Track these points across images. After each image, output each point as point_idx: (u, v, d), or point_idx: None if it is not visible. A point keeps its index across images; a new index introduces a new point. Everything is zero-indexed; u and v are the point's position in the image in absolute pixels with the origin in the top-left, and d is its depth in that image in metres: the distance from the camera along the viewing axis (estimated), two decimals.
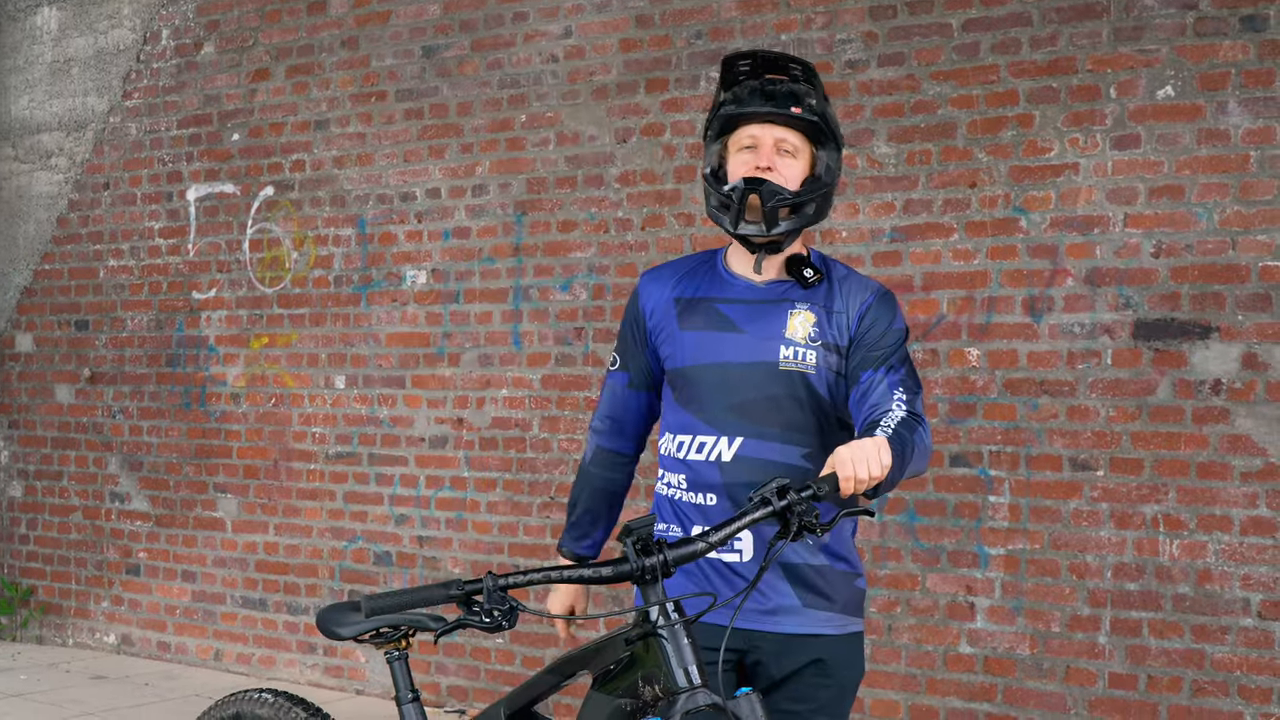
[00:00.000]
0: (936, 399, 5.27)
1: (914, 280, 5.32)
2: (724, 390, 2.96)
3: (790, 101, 2.92)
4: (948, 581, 5.25)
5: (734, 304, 3.02)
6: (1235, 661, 4.75)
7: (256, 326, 7.13)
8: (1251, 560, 4.73)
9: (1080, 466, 5.01)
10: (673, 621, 2.41)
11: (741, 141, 2.97)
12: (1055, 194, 5.05)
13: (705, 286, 3.08)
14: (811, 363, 2.95)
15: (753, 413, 2.94)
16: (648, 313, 3.12)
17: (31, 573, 8.08)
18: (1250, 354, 4.74)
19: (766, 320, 2.99)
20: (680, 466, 3.01)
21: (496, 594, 2.32)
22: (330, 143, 6.86)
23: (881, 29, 5.39)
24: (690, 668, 2.39)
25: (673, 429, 3.05)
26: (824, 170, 2.98)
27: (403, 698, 3.10)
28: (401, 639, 3.11)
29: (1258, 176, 4.74)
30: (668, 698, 2.39)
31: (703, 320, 3.03)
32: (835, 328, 2.98)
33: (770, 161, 2.93)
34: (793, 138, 2.95)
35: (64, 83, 7.93)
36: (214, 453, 7.28)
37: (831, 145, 2.98)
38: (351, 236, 6.79)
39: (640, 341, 3.14)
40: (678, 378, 3.05)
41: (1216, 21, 4.81)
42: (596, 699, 2.52)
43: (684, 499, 3.00)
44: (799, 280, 3.00)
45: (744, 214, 2.92)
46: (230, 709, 3.38)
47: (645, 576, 2.43)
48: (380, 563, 6.67)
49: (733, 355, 2.98)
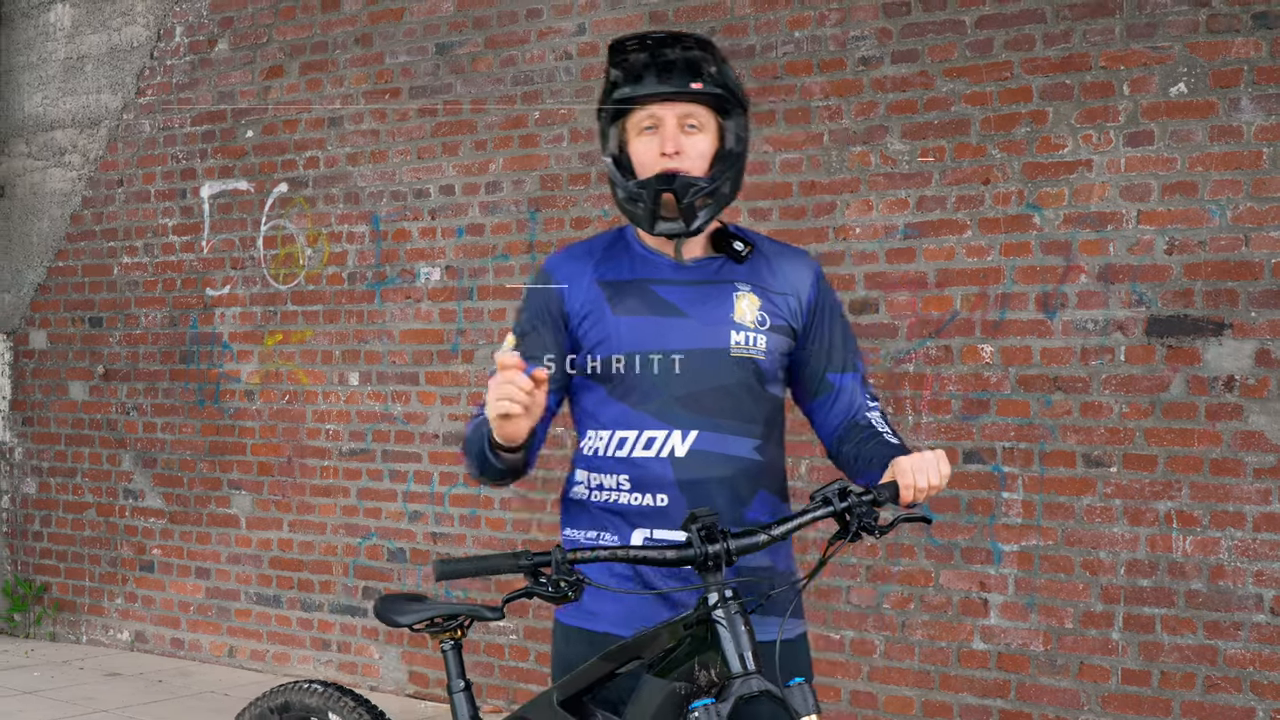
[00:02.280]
0: (950, 395, 5.27)
1: (927, 277, 5.32)
2: (671, 380, 2.74)
3: (689, 76, 2.70)
4: (961, 578, 5.26)
5: (671, 285, 2.80)
6: (1248, 657, 4.75)
7: (270, 323, 7.15)
8: (1264, 556, 4.73)
9: (1093, 463, 5.01)
10: (731, 608, 2.44)
11: (641, 123, 2.75)
12: (1068, 191, 5.06)
13: (630, 267, 2.83)
14: (762, 348, 2.79)
15: (706, 404, 2.74)
16: (567, 296, 2.82)
17: (45, 569, 8.11)
18: (1264, 350, 4.74)
19: (711, 303, 2.79)
20: (621, 466, 2.76)
21: (564, 566, 2.37)
22: (344, 140, 6.88)
23: (895, 26, 5.40)
24: (746, 654, 2.41)
25: (606, 425, 2.79)
26: (734, 141, 2.77)
27: (454, 686, 3.12)
28: (457, 629, 3.13)
29: (1270, 173, 4.74)
30: (722, 683, 2.41)
31: (639, 304, 2.78)
32: (785, 310, 2.83)
33: (676, 144, 2.72)
34: (697, 112, 2.73)
35: (77, 80, 7.95)
36: (228, 449, 7.30)
37: (738, 111, 2.77)
38: (365, 233, 6.81)
39: (555, 330, 2.82)
40: (612, 367, 2.79)
41: (1229, 18, 4.81)
42: (651, 683, 2.53)
43: (625, 501, 2.77)
44: (731, 255, 2.82)
45: (659, 212, 2.73)
46: (279, 699, 3.40)
47: (708, 563, 2.45)
48: (394, 559, 6.69)
49: (679, 342, 2.76)
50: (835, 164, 5.52)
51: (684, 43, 2.74)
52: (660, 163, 2.72)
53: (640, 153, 2.76)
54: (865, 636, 5.44)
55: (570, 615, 2.85)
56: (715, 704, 2.39)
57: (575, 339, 2.81)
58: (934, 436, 5.29)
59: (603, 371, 2.80)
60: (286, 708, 3.38)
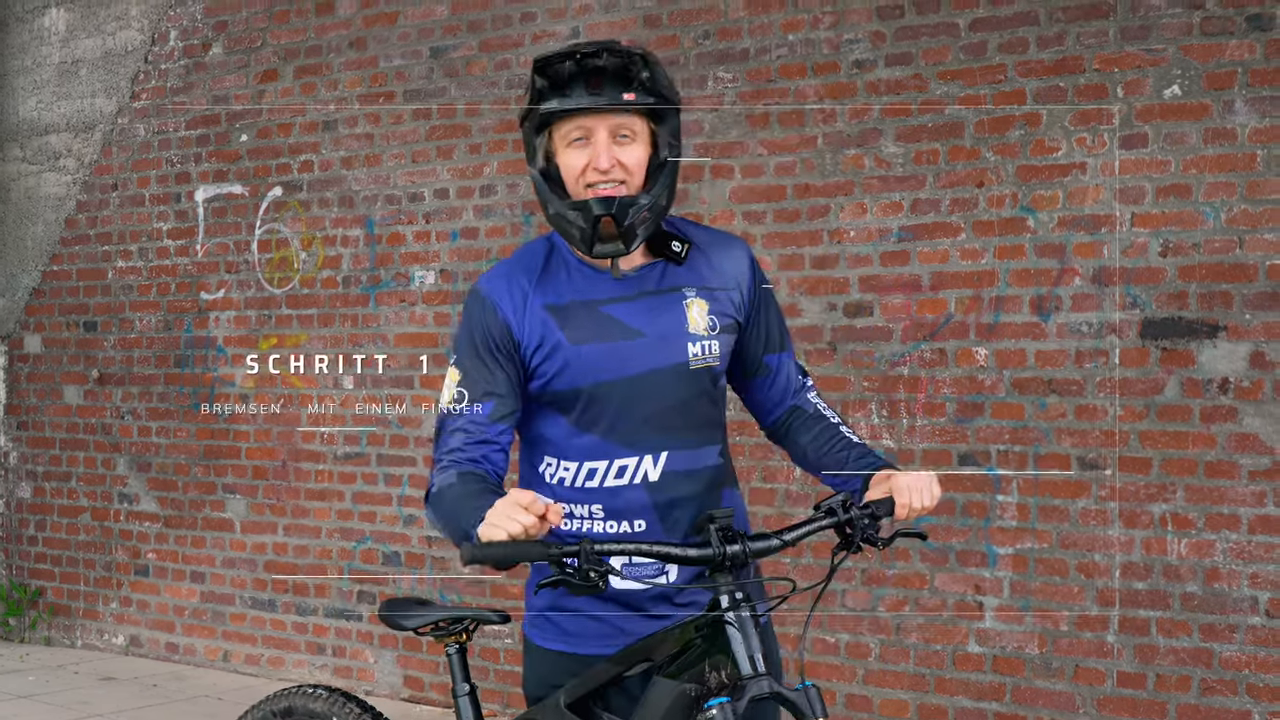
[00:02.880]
0: (945, 398, 5.27)
1: (922, 280, 5.32)
2: (636, 404, 2.68)
3: (620, 86, 2.59)
4: (956, 581, 5.25)
5: (619, 303, 2.71)
6: (1244, 660, 4.75)
7: (265, 327, 7.14)
8: (1260, 559, 4.73)
9: (1088, 465, 5.01)
10: (743, 610, 2.46)
11: (570, 134, 2.64)
12: (1063, 193, 5.06)
13: (571, 286, 2.72)
14: (717, 353, 2.74)
15: (670, 422, 2.70)
16: (514, 326, 2.69)
17: (40, 574, 8.09)
18: (1258, 353, 4.74)
19: (664, 317, 2.71)
20: (592, 496, 2.70)
21: (593, 556, 2.39)
22: (338, 143, 6.87)
23: (889, 29, 5.40)
24: (757, 656, 2.43)
25: (572, 456, 2.71)
26: (667, 148, 2.67)
27: (459, 690, 3.12)
28: (462, 632, 3.13)
29: (1265, 175, 4.74)
30: (734, 684, 2.44)
31: (593, 330, 2.68)
32: (730, 307, 2.78)
33: (610, 158, 2.62)
34: (629, 121, 2.63)
35: (72, 84, 7.95)
36: (223, 453, 7.29)
37: (672, 115, 2.67)
38: (360, 237, 6.81)
39: (504, 362, 2.68)
40: (575, 399, 2.69)
41: (1223, 20, 4.81)
42: (661, 684, 2.54)
43: (600, 530, 2.70)
44: (670, 257, 2.74)
45: (597, 235, 2.61)
46: (282, 703, 3.38)
47: (725, 563, 2.47)
48: (389, 563, 6.68)
49: (639, 365, 2.68)
50: (829, 167, 5.51)
51: (612, 50, 2.62)
52: (593, 175, 2.63)
53: (570, 164, 2.66)
54: (860, 640, 5.43)
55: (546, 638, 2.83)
56: (730, 702, 2.41)
57: (525, 366, 2.70)
58: (928, 440, 5.29)
59: (564, 403, 2.71)
60: (289, 712, 3.37)
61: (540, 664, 2.85)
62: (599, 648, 2.76)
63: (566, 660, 2.79)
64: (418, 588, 6.56)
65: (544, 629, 2.83)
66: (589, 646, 2.77)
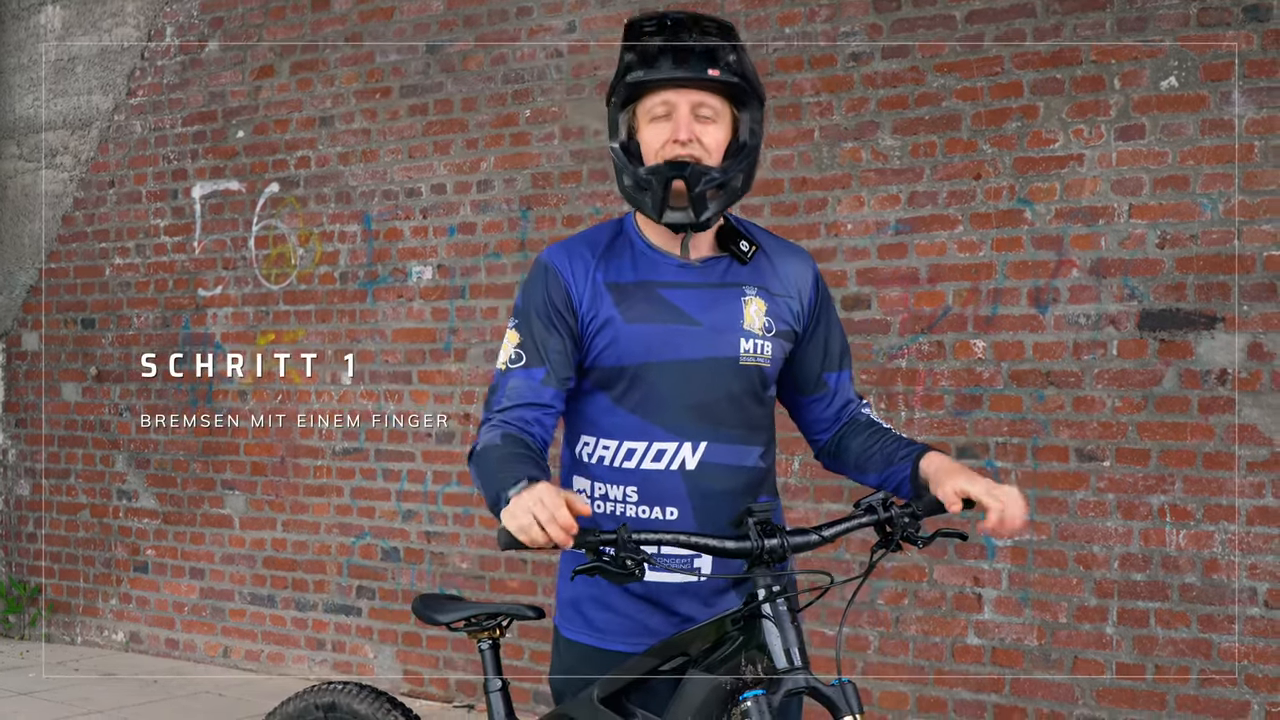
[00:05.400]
0: (943, 391, 5.27)
1: (919, 272, 5.32)
2: (682, 390, 2.68)
3: (706, 63, 2.60)
4: (955, 573, 5.26)
5: (680, 289, 2.72)
6: (1242, 651, 4.75)
7: (263, 323, 7.14)
8: (1258, 549, 4.73)
9: (1087, 457, 5.02)
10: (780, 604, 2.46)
11: (654, 110, 2.65)
12: (1060, 185, 5.06)
13: (635, 267, 2.74)
14: (768, 355, 2.74)
15: (715, 414, 2.70)
16: (575, 295, 2.70)
17: (40, 571, 8.09)
18: (1256, 344, 4.75)
19: (721, 309, 2.72)
20: (628, 477, 2.71)
21: (630, 545, 2.37)
22: (335, 139, 6.87)
23: (885, 21, 5.40)
24: (793, 649, 2.43)
25: (612, 434, 2.72)
26: (748, 134, 2.68)
27: (491, 685, 3.12)
28: (495, 628, 3.13)
29: (1262, 166, 4.74)
30: (770, 677, 2.43)
31: (649, 310, 2.69)
32: (789, 314, 2.78)
33: (689, 132, 2.62)
34: (712, 100, 2.64)
35: (68, 81, 7.94)
36: (221, 450, 7.29)
37: (754, 103, 2.67)
38: (357, 233, 6.80)
39: (564, 330, 2.70)
40: (620, 377, 2.70)
41: (1220, 11, 4.81)
42: (697, 678, 2.54)
43: (634, 514, 2.71)
44: (736, 256, 2.76)
45: (668, 200, 2.63)
46: (325, 697, 3.35)
47: (763, 557, 2.47)
48: (388, 558, 6.68)
49: (691, 351, 2.69)
50: (826, 160, 5.51)
51: (703, 25, 2.63)
52: (671, 149, 2.63)
53: (650, 140, 2.66)
54: (860, 632, 5.44)
55: (576, 630, 2.84)
56: (766, 695, 2.41)
57: (580, 338, 2.71)
58: (927, 432, 5.29)
59: (610, 380, 2.72)
60: (333, 707, 3.35)
61: (566, 655, 2.86)
62: (624, 644, 2.77)
63: (591, 653, 2.80)
64: (418, 584, 6.56)
65: (572, 620, 2.84)
66: (614, 642, 2.78)
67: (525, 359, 2.69)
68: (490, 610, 3.13)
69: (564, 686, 2.85)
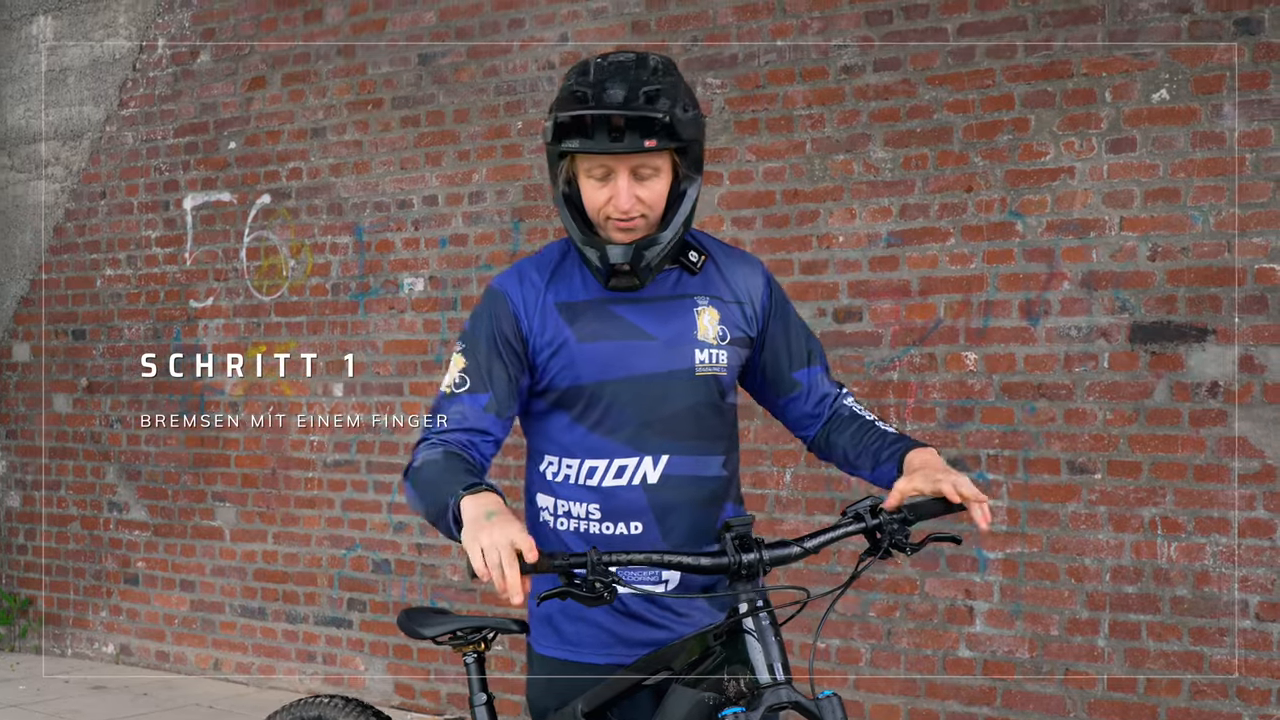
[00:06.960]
0: (934, 403, 5.27)
1: (911, 285, 5.32)
2: (640, 406, 2.69)
3: (644, 133, 2.55)
4: (946, 586, 5.25)
5: (632, 304, 2.73)
6: (1234, 663, 4.75)
7: (254, 335, 7.13)
8: (1249, 562, 4.73)
9: (1078, 469, 5.01)
10: (762, 618, 2.45)
11: (592, 170, 2.63)
12: (1051, 198, 5.06)
13: (585, 285, 2.74)
14: (724, 364, 2.75)
15: (674, 427, 2.71)
16: (524, 321, 2.71)
17: (30, 583, 8.07)
18: (1247, 356, 4.75)
19: (674, 321, 2.73)
20: (590, 495, 2.71)
21: (600, 568, 2.35)
22: (327, 151, 6.86)
23: (877, 34, 5.40)
24: (776, 664, 2.42)
25: (574, 453, 2.73)
26: (687, 180, 2.67)
27: (476, 700, 3.11)
28: (480, 641, 3.13)
29: (1253, 179, 4.74)
30: (752, 692, 2.42)
31: (602, 327, 2.70)
32: (742, 320, 2.80)
33: (630, 199, 2.62)
34: (652, 159, 2.62)
35: (60, 92, 7.93)
36: (212, 461, 7.28)
37: (693, 144, 2.64)
38: (349, 244, 6.80)
39: (512, 356, 2.71)
40: (579, 396, 2.71)
41: (1211, 24, 4.82)
42: (679, 693, 2.53)
43: (596, 531, 2.72)
44: (686, 267, 2.77)
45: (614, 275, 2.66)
46: (312, 711, 3.34)
47: (742, 572, 2.45)
48: (379, 571, 6.67)
49: (646, 366, 2.70)
50: (818, 172, 5.52)
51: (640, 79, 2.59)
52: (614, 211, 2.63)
53: (591, 196, 2.65)
54: (851, 645, 5.43)
55: (549, 645, 2.83)
56: (745, 712, 2.39)
57: (533, 364, 2.72)
58: None
59: (568, 400, 2.72)
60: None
61: (540, 671, 2.85)
62: (597, 656, 2.76)
63: (565, 668, 2.79)
64: (408, 596, 6.55)
65: (546, 636, 2.83)
66: (587, 654, 2.77)
67: (470, 384, 2.70)
68: (475, 624, 3.13)
69: (541, 702, 2.84)
